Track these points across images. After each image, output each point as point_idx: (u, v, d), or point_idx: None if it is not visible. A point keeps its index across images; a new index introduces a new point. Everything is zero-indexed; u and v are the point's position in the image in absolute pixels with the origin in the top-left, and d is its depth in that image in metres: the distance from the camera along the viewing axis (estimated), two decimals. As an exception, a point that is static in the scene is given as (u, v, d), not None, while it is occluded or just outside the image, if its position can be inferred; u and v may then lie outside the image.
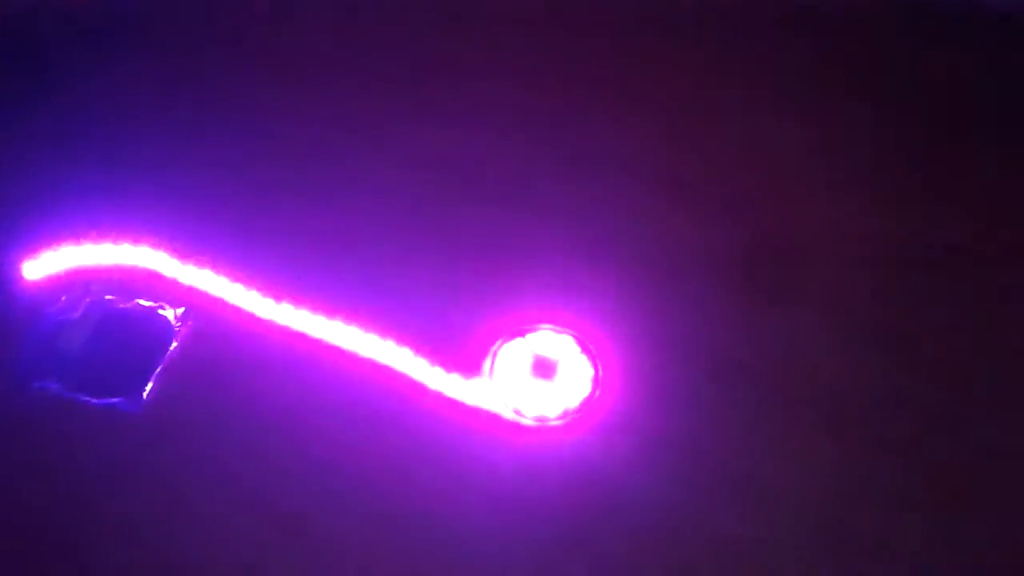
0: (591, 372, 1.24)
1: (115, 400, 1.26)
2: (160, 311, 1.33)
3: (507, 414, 1.22)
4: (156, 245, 1.37)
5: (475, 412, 1.23)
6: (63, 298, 1.35)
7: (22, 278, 1.37)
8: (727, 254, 1.32)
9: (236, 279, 1.34)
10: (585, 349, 1.25)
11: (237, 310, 1.33)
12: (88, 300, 1.35)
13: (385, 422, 1.23)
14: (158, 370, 1.28)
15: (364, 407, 1.24)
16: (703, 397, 1.22)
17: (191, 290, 1.34)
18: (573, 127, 1.45)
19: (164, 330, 1.32)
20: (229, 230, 1.38)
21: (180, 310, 1.33)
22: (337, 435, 1.22)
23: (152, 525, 1.18)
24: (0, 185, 1.44)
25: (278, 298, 1.32)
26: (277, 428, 1.23)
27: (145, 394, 1.27)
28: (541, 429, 1.21)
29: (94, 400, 1.26)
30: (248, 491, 1.20)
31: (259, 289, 1.33)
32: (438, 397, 1.24)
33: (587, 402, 1.22)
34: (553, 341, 1.26)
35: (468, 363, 1.26)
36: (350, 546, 1.15)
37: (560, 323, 1.28)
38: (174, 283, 1.35)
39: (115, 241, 1.38)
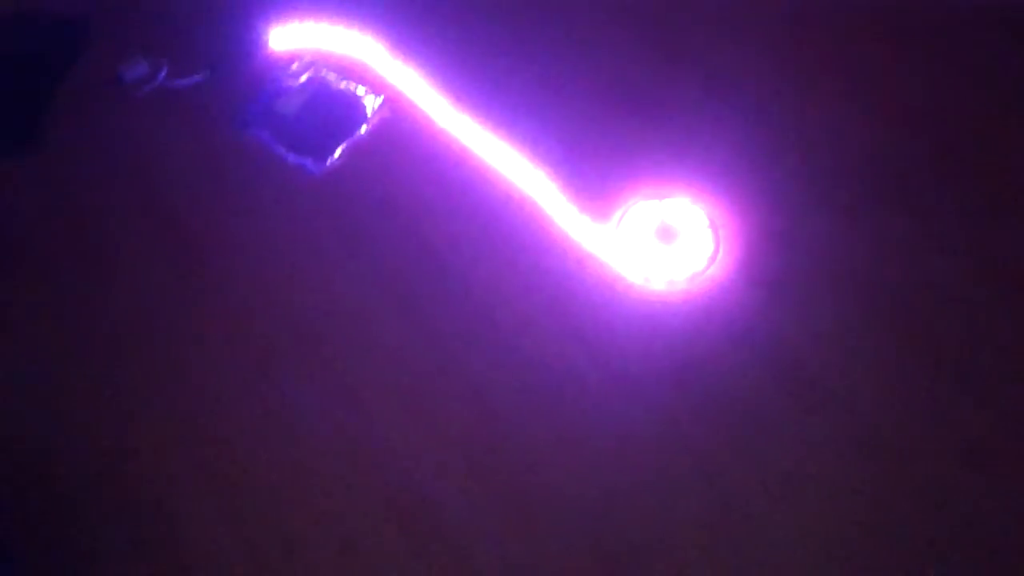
0: (712, 247, 1.27)
1: (304, 160, 1.45)
2: (363, 96, 1.50)
3: (625, 269, 1.28)
4: (378, 39, 1.54)
5: (596, 258, 1.30)
6: (292, 67, 1.56)
7: (265, 43, 1.59)
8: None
9: (433, 87, 1.48)
10: (712, 225, 1.28)
11: (423, 112, 1.47)
12: (311, 73, 1.55)
13: (516, 241, 1.34)
14: (345, 145, 1.46)
15: (504, 226, 1.36)
16: (818, 294, 1.22)
17: (393, 86, 1.51)
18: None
19: (361, 113, 1.49)
20: (447, 45, 1.52)
21: (379, 99, 1.49)
22: (471, 243, 1.35)
23: (292, 275, 1.36)
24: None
25: (460, 110, 1.45)
26: (418, 225, 1.38)
27: (330, 162, 1.45)
28: (652, 291, 1.27)
29: (289, 155, 1.46)
30: (383, 267, 1.35)
31: (450, 100, 1.46)
32: (567, 237, 1.32)
33: (701, 273, 1.26)
34: (685, 211, 1.30)
35: (602, 211, 1.33)
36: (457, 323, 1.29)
37: (694, 195, 1.31)
38: (382, 76, 1.52)
39: (346, 26, 1.56)
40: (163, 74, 1.59)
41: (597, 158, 1.38)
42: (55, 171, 1.51)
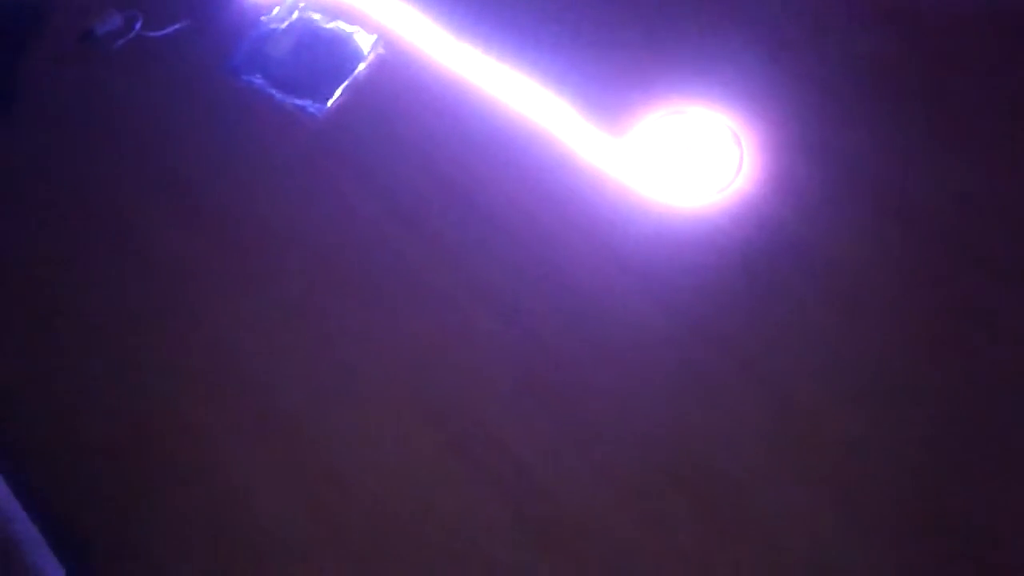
0: (737, 160, 1.26)
1: (304, 102, 1.40)
2: (355, 35, 1.45)
3: (648, 184, 1.27)
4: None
5: (617, 177, 1.28)
6: (275, 9, 1.50)
7: (246, -14, 1.53)
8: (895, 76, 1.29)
9: (428, 18, 1.44)
10: (736, 138, 1.27)
11: (422, 47, 1.43)
12: (297, 15, 1.49)
13: (532, 171, 1.31)
14: (344, 85, 1.41)
15: (519, 149, 1.33)
16: (842, 211, 1.22)
17: (386, 23, 1.46)
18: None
19: (356, 52, 1.44)
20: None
21: (373, 38, 1.44)
22: (485, 172, 1.32)
23: (305, 221, 1.32)
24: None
25: (461, 40, 1.40)
26: (431, 159, 1.34)
27: (330, 102, 1.40)
28: (677, 205, 1.26)
29: (287, 98, 1.41)
30: (394, 204, 1.32)
31: (447, 30, 1.42)
32: (586, 156, 1.30)
33: (727, 188, 1.25)
34: (707, 124, 1.29)
35: (621, 129, 1.31)
36: (467, 252, 1.26)
37: (717, 108, 1.30)
38: (372, 14, 1.46)
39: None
40: (138, 25, 1.51)
41: (611, 78, 1.35)
42: (36, 132, 1.43)
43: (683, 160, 1.28)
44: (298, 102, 1.40)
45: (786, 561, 1.03)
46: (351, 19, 1.47)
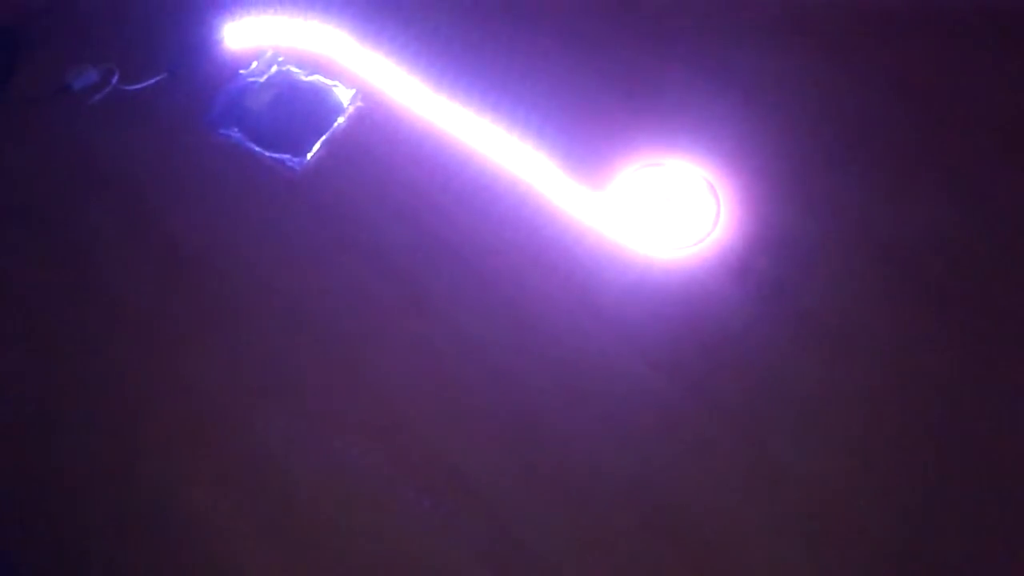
0: (714, 211, 1.28)
1: (282, 156, 1.41)
2: (334, 89, 1.46)
3: (626, 236, 1.28)
4: (342, 29, 1.50)
5: (595, 229, 1.30)
6: (254, 63, 1.51)
7: (222, 40, 1.53)
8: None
9: (407, 72, 1.46)
10: (712, 190, 1.30)
11: (401, 100, 1.44)
12: (275, 68, 1.50)
13: (512, 223, 1.32)
14: (323, 138, 1.42)
15: (498, 203, 1.34)
16: (819, 257, 1.24)
17: (365, 77, 1.47)
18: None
19: (335, 106, 1.45)
20: (411, 28, 1.49)
21: (352, 91, 1.45)
22: (467, 222, 1.33)
23: (287, 274, 1.32)
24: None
25: (439, 94, 1.42)
26: (412, 209, 1.35)
27: (309, 156, 1.41)
28: (655, 257, 1.28)
29: (266, 152, 1.41)
30: (376, 256, 1.32)
31: (426, 84, 1.44)
32: (565, 208, 1.32)
33: (704, 239, 1.27)
34: (684, 176, 1.31)
35: (599, 182, 1.33)
36: (461, 317, 1.27)
37: (693, 160, 1.32)
38: (351, 68, 1.48)
39: (307, 19, 1.51)
40: (115, 79, 1.51)
41: (588, 132, 1.37)
42: (10, 184, 1.42)
43: (660, 212, 1.29)
44: (277, 156, 1.41)
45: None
46: (330, 73, 1.48)
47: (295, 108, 1.46)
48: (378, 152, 1.41)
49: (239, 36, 1.54)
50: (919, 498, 1.08)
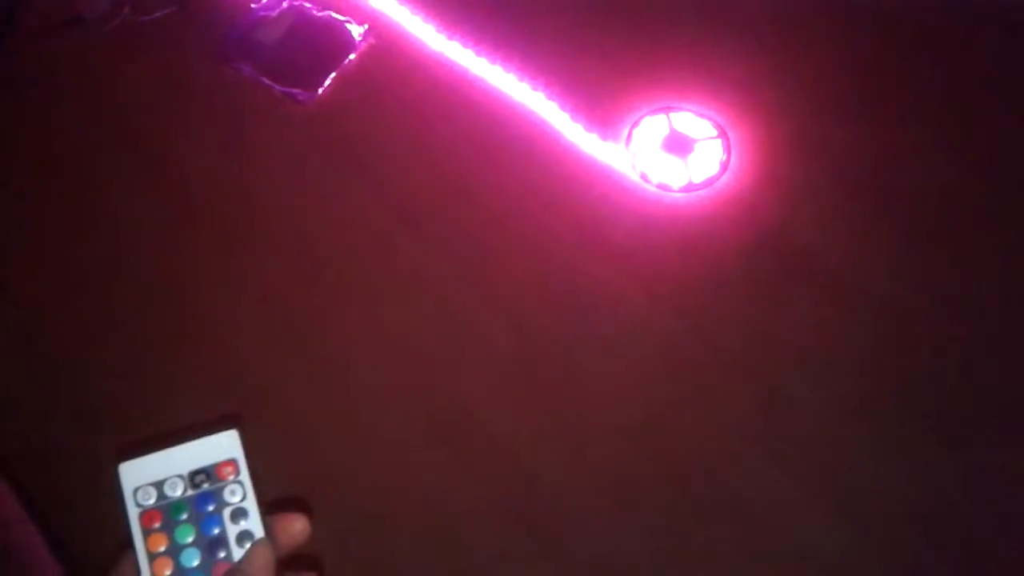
0: (722, 156, 1.29)
1: (293, 90, 1.40)
2: (347, 24, 1.46)
3: (634, 178, 1.29)
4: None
5: (605, 171, 1.31)
6: (266, -3, 1.50)
7: (236, -27, 1.52)
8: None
9: (420, 10, 1.45)
10: (722, 134, 1.30)
11: (412, 38, 1.44)
12: (288, 2, 1.49)
13: (522, 163, 1.33)
14: (335, 73, 1.42)
15: (507, 145, 1.34)
16: (825, 202, 1.25)
17: (378, 13, 1.47)
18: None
19: (347, 41, 1.44)
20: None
21: (364, 27, 1.45)
22: (474, 164, 1.33)
23: (299, 208, 1.32)
24: None
25: (452, 35, 1.42)
26: (421, 149, 1.35)
27: (320, 90, 1.41)
28: (664, 198, 1.28)
29: (277, 85, 1.41)
30: (385, 193, 1.32)
31: (437, 25, 1.43)
32: (574, 151, 1.32)
33: (712, 181, 1.27)
34: (693, 122, 1.31)
35: (609, 126, 1.33)
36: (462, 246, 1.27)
37: (703, 106, 1.32)
38: (365, 3, 1.47)
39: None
40: (127, 9, 1.51)
41: (598, 78, 1.37)
42: (23, 116, 1.42)
43: (670, 156, 1.30)
44: (288, 90, 1.41)
45: (763, 544, 1.05)
46: (343, 8, 1.47)
47: (308, 41, 1.46)
48: (389, 89, 1.41)
49: (252, -31, 1.53)
50: (918, 432, 1.09)
